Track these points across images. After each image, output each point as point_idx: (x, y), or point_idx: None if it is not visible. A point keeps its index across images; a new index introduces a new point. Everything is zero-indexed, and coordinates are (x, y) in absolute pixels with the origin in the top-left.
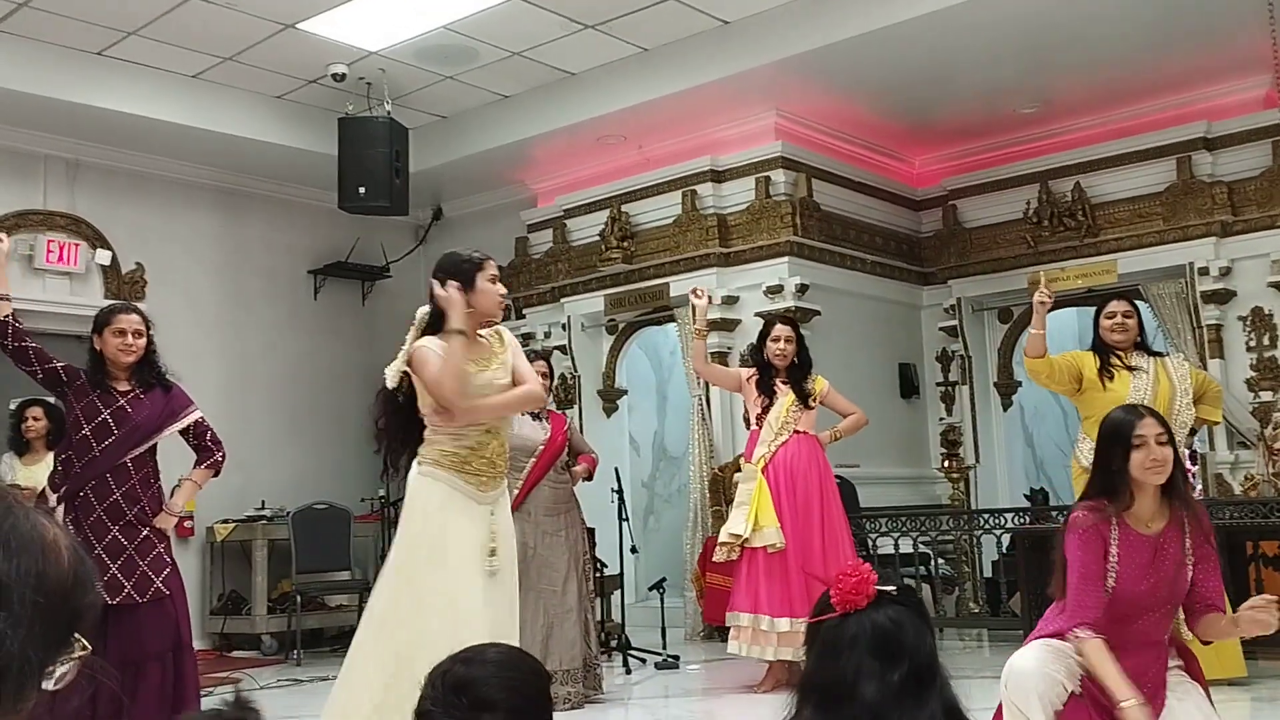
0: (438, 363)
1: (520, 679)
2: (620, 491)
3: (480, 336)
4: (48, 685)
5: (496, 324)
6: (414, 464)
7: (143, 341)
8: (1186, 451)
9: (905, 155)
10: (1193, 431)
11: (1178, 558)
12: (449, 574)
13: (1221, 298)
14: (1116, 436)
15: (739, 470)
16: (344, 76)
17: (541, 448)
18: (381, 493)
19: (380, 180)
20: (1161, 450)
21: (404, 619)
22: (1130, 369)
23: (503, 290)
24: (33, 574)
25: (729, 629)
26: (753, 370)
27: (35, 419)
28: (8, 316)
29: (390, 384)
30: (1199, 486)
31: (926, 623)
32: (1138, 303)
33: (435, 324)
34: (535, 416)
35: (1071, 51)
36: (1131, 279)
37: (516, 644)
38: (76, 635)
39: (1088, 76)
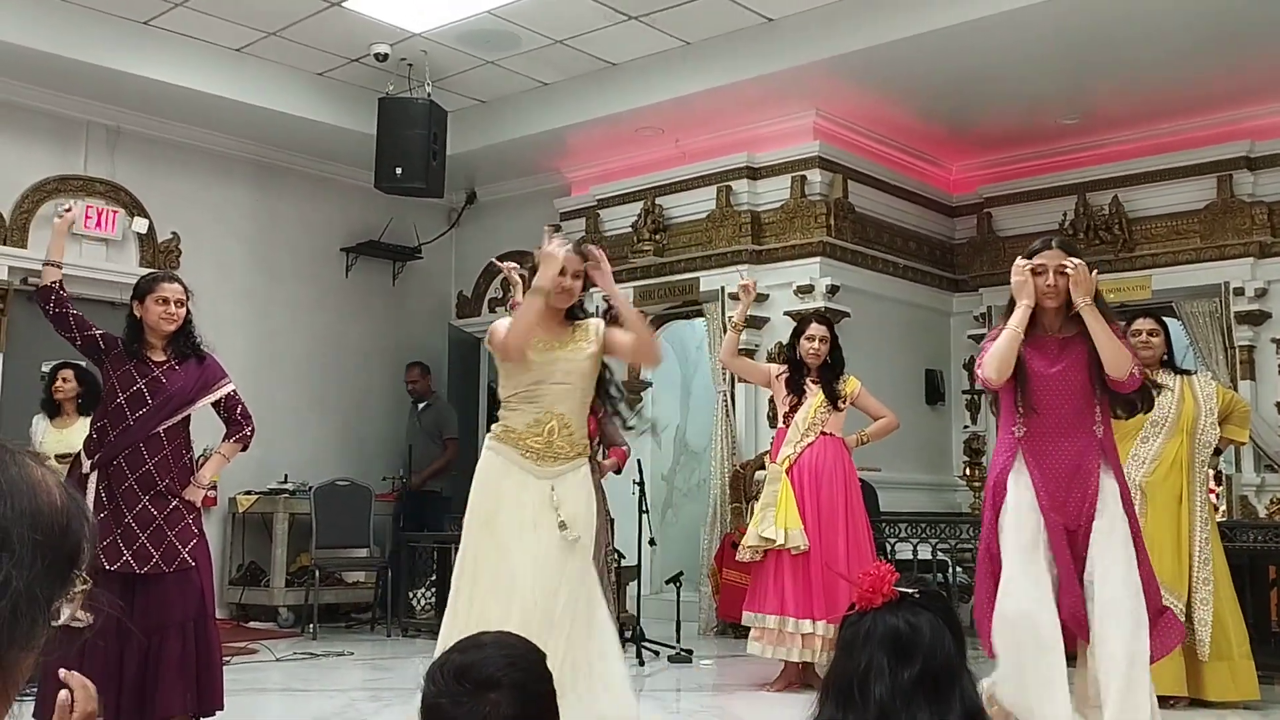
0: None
1: (518, 655)
2: (641, 484)
3: (577, 324)
4: (56, 621)
5: (589, 316)
6: (486, 438)
7: (183, 311)
8: (1211, 472)
9: (942, 161)
10: (1218, 451)
11: (1084, 351)
12: (497, 542)
13: (1256, 319)
14: (1025, 256)
15: (761, 468)
16: (386, 56)
17: None
18: (403, 472)
19: (417, 162)
20: (1059, 280)
21: (460, 584)
22: (1155, 386)
23: (565, 284)
24: (28, 514)
25: (745, 627)
26: (783, 367)
27: (65, 380)
28: (55, 282)
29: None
30: (1221, 508)
31: (951, 627)
32: (1168, 320)
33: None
34: None
35: (1116, 64)
36: (1165, 296)
37: (603, 610)
38: (77, 570)
39: (1131, 90)
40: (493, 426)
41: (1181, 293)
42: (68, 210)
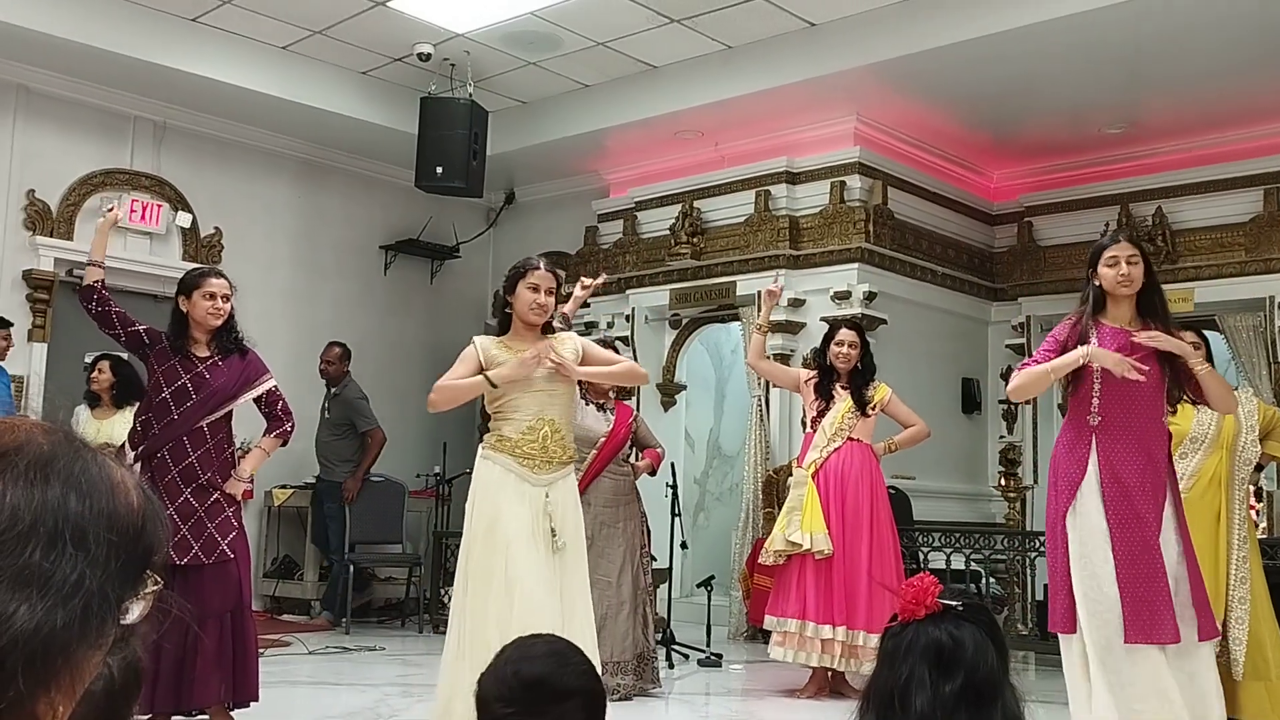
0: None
1: (585, 663)
2: (675, 487)
3: (553, 337)
4: (125, 620)
5: (562, 329)
6: (480, 449)
7: (229, 306)
8: (1251, 489)
9: (984, 168)
10: (1259, 468)
11: (1149, 350)
12: (498, 552)
13: None
14: (1093, 257)
15: (793, 474)
16: (429, 56)
17: (603, 439)
18: (437, 469)
19: (457, 161)
20: (1132, 269)
21: (463, 591)
22: (1194, 402)
23: (539, 300)
24: (105, 514)
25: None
26: (813, 372)
27: (100, 372)
28: (97, 282)
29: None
30: (1262, 524)
31: (995, 640)
32: (1210, 334)
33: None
34: (600, 408)
35: (1163, 75)
36: (1208, 309)
37: (590, 619)
38: (149, 571)
39: (1178, 100)
40: (485, 437)
41: (1225, 306)
42: (110, 210)
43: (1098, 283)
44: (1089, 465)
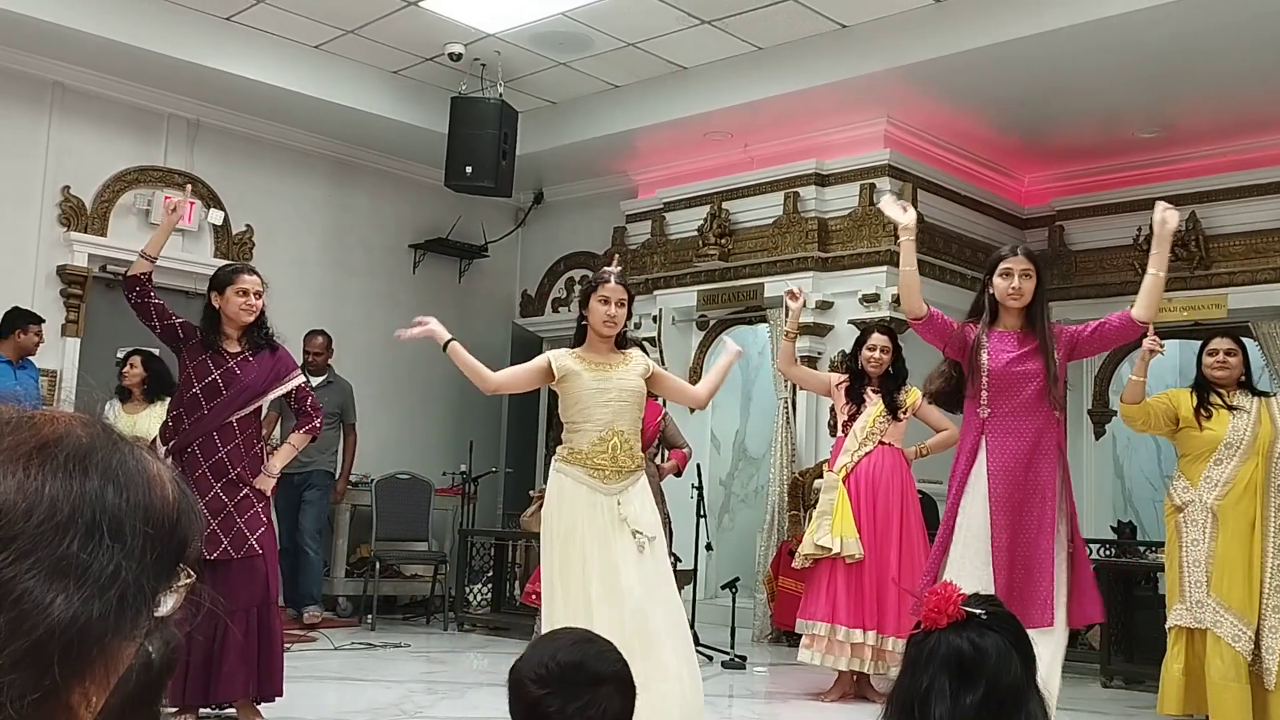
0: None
1: (613, 650)
2: (700, 488)
3: (625, 352)
4: (159, 612)
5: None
6: (552, 461)
7: (260, 303)
8: None
9: (1015, 172)
10: None
11: (1035, 349)
12: (574, 563)
13: None
14: (990, 265)
15: (820, 476)
16: (460, 56)
17: None
18: (463, 467)
19: (487, 161)
20: (1024, 284)
21: (549, 601)
22: (1231, 408)
23: (610, 312)
24: (141, 507)
25: (799, 635)
26: (844, 376)
27: (132, 367)
28: (144, 274)
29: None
30: None
31: (1020, 649)
32: (1244, 340)
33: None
34: None
35: (1198, 78)
36: (1241, 315)
37: (680, 612)
38: (182, 565)
39: (1213, 105)
40: (557, 449)
41: (1259, 313)
42: (175, 208)
43: (991, 291)
44: (979, 458)
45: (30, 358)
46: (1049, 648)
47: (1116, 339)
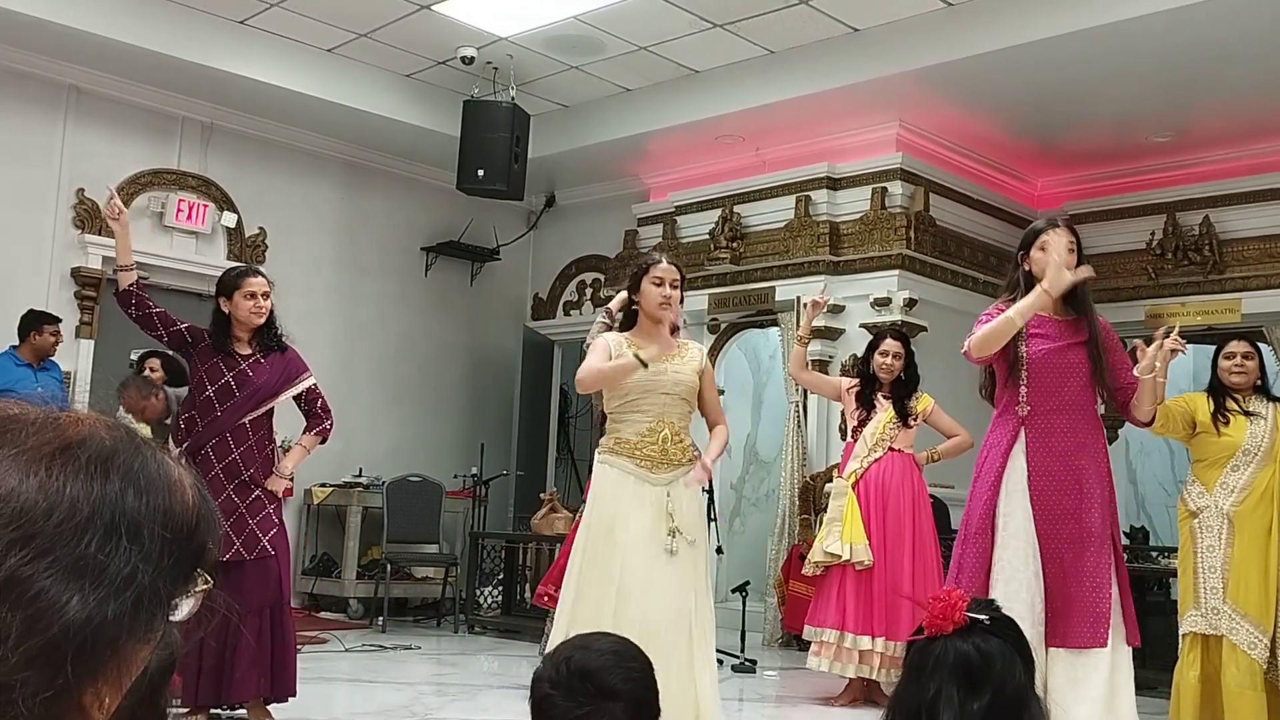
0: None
1: (640, 670)
2: (711, 492)
3: (682, 344)
4: (174, 617)
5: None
6: (596, 453)
7: (269, 304)
8: None
9: (1027, 176)
10: None
11: (1081, 336)
12: (616, 555)
13: None
14: (1027, 239)
15: (830, 481)
16: (472, 60)
17: None
18: (474, 470)
19: (499, 164)
20: (1070, 259)
21: (573, 585)
22: (1247, 414)
23: (666, 293)
24: (160, 510)
25: (809, 640)
26: (854, 381)
27: (153, 369)
28: (132, 286)
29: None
30: None
31: (1023, 655)
32: (1259, 345)
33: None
34: None
35: (1213, 82)
36: (1255, 320)
37: (709, 609)
38: (199, 570)
39: (1226, 109)
40: (602, 441)
41: (1273, 318)
42: (118, 214)
43: (1027, 267)
44: (1017, 461)
45: (52, 358)
46: (1102, 672)
47: (1116, 382)
